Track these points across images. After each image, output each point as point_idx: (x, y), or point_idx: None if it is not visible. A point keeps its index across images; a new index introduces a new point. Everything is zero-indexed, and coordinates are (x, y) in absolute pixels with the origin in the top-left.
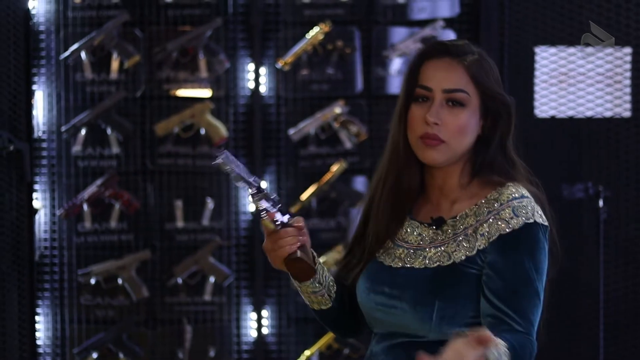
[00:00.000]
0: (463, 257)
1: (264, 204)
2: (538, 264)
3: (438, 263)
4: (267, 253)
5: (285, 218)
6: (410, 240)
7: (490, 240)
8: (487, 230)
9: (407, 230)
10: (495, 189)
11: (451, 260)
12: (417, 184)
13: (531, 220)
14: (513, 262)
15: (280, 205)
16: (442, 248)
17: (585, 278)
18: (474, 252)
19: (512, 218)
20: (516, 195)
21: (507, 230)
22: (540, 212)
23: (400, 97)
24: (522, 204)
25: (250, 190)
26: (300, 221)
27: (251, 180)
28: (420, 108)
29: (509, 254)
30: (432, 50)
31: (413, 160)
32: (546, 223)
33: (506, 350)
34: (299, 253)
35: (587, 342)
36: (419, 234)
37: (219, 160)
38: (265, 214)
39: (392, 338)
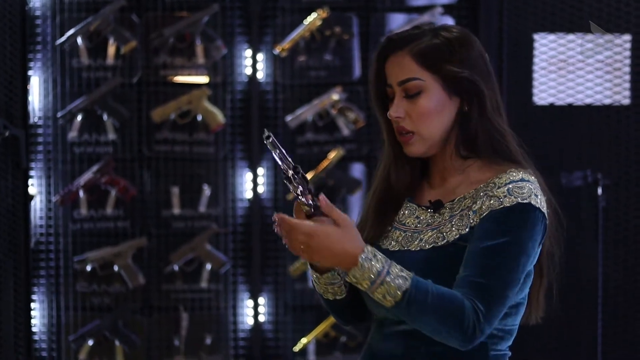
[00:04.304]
0: (457, 236)
1: (300, 188)
2: (521, 244)
3: (433, 244)
4: None
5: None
6: (408, 223)
7: (482, 216)
8: (480, 206)
9: (405, 213)
10: (497, 175)
11: (445, 240)
12: (407, 178)
13: (525, 201)
14: (492, 236)
15: (310, 187)
16: (438, 229)
17: (584, 265)
18: (467, 229)
19: (505, 196)
20: (516, 178)
21: (498, 206)
22: (540, 197)
23: (373, 99)
24: (518, 186)
25: (288, 172)
26: (328, 208)
27: (291, 162)
28: (391, 106)
29: (491, 228)
30: (387, 47)
31: (402, 155)
32: (544, 209)
33: (402, 274)
34: None
35: (585, 330)
36: (417, 217)
37: (270, 140)
38: (301, 197)
39: (390, 325)
